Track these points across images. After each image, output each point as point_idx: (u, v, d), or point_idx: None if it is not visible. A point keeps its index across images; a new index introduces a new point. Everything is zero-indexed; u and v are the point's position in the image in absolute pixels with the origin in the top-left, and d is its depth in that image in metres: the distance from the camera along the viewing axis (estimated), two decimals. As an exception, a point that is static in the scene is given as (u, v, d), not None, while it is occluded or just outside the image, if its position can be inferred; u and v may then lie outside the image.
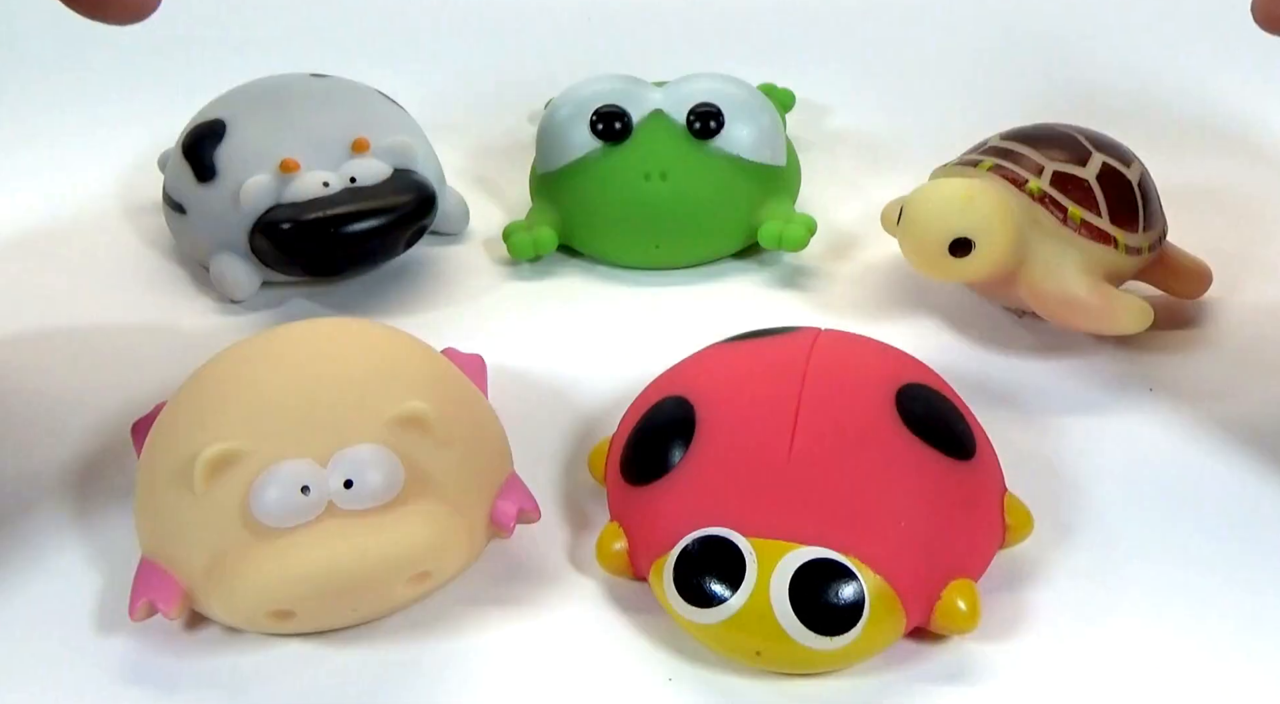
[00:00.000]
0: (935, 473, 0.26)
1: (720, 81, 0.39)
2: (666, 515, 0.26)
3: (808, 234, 0.37)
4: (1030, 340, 0.35)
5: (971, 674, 0.26)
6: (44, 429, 0.32)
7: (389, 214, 0.35)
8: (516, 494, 0.28)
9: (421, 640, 0.27)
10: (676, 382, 0.29)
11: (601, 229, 0.38)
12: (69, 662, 0.26)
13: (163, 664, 0.26)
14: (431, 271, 0.38)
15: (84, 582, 0.28)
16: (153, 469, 0.26)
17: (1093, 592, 0.27)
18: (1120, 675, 0.26)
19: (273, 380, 0.26)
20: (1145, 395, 0.33)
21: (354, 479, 0.25)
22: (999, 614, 0.27)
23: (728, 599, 0.25)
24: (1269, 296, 0.36)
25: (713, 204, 0.37)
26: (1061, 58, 0.49)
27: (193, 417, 0.26)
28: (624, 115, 0.37)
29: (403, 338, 0.29)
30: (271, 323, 0.29)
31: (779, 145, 0.39)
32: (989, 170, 0.33)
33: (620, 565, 0.27)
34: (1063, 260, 0.32)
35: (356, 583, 0.25)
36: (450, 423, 0.27)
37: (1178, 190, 0.37)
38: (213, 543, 0.25)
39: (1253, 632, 0.26)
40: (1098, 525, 0.29)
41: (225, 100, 0.38)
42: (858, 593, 0.24)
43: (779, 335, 0.30)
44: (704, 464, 0.27)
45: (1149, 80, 0.48)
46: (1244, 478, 0.30)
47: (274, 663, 0.26)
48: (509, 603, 0.27)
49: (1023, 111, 0.39)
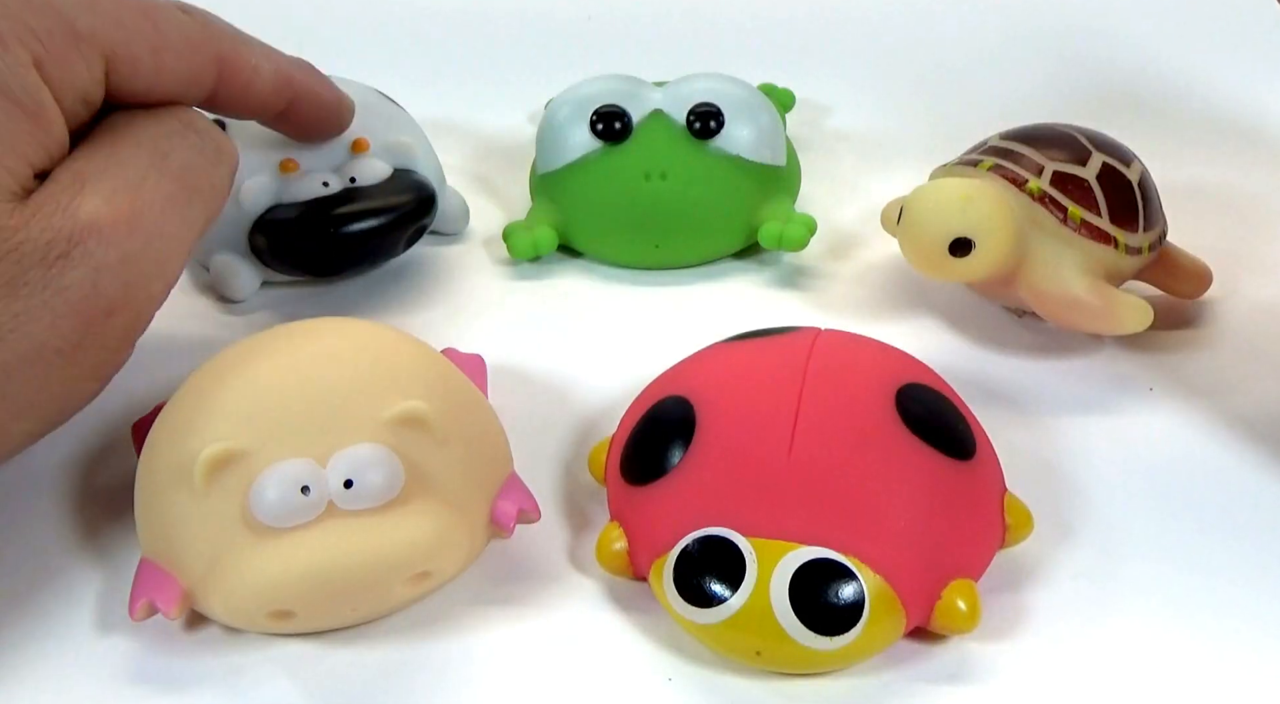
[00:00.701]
0: (935, 473, 0.26)
1: (720, 81, 0.39)
2: (666, 515, 0.26)
3: (808, 234, 0.37)
4: (1030, 340, 0.35)
5: (971, 674, 0.26)
6: (44, 429, 0.32)
7: (389, 214, 0.35)
8: (516, 494, 0.28)
9: (421, 640, 0.27)
10: (676, 381, 0.29)
11: (601, 229, 0.38)
12: (69, 662, 0.26)
13: (163, 664, 0.26)
14: (431, 271, 0.38)
15: (84, 582, 0.28)
16: (153, 469, 0.26)
17: (1093, 592, 0.27)
18: (1120, 675, 0.26)
19: (273, 380, 0.26)
20: (1145, 395, 0.33)
21: (354, 479, 0.25)
22: (999, 614, 0.27)
23: (728, 599, 0.25)
24: (1269, 296, 0.36)
25: (713, 204, 0.37)
26: (1061, 57, 0.49)
27: (193, 417, 0.26)
28: (624, 115, 0.37)
29: (403, 338, 0.29)
30: (271, 323, 0.29)
31: (779, 145, 0.39)
32: (989, 170, 0.33)
33: (620, 565, 0.27)
34: (1063, 260, 0.32)
35: (356, 583, 0.25)
36: (450, 423, 0.27)
37: (1178, 190, 0.37)
38: (213, 543, 0.25)
39: (1253, 631, 0.26)
40: (1098, 525, 0.29)
41: (225, 100, 0.38)
42: (858, 593, 0.24)
43: (779, 335, 0.30)
44: (704, 464, 0.27)
45: (1149, 80, 0.48)
46: (1244, 478, 0.30)
47: (274, 663, 0.26)
48: (509, 603, 0.27)
49: (1023, 111, 0.39)
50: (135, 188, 0.24)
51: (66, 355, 0.24)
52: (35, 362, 0.24)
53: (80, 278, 0.23)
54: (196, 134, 0.27)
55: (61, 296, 0.23)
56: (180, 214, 0.26)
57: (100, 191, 0.24)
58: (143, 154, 0.25)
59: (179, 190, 0.25)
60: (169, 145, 0.26)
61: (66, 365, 0.24)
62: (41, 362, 0.24)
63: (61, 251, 0.23)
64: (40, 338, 0.23)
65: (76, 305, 0.23)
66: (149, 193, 0.25)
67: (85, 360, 0.25)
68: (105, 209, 0.24)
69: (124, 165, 0.25)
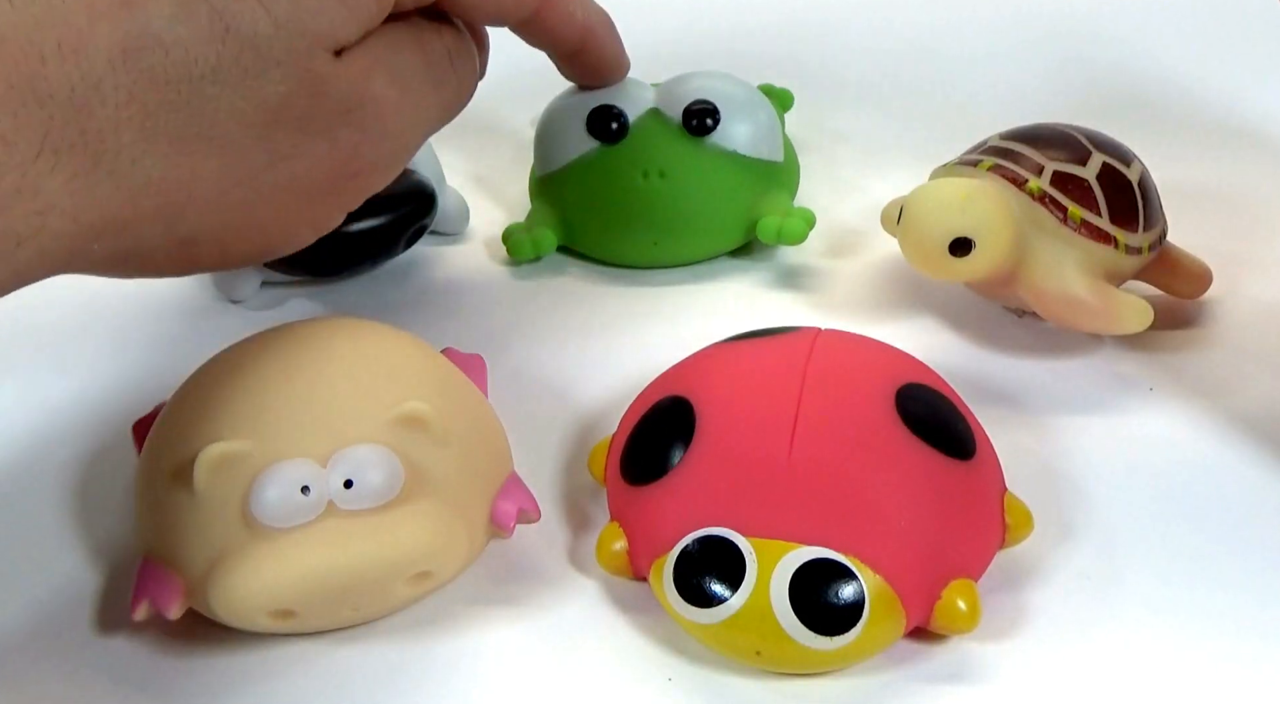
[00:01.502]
0: (935, 473, 0.26)
1: (716, 79, 0.39)
2: (666, 515, 0.26)
3: (807, 227, 0.37)
4: (1030, 340, 0.35)
5: (971, 674, 0.26)
6: (44, 429, 0.32)
7: (389, 214, 0.35)
8: (516, 494, 0.28)
9: (421, 640, 0.27)
10: (676, 381, 0.29)
11: (601, 229, 0.38)
12: (69, 662, 0.26)
13: (163, 664, 0.26)
14: (431, 272, 0.38)
15: (84, 582, 0.28)
16: (153, 469, 0.26)
17: (1093, 592, 0.27)
18: (1120, 675, 0.26)
19: (273, 380, 0.26)
20: (1145, 395, 0.33)
21: (354, 479, 0.25)
22: (999, 614, 0.27)
23: (728, 599, 0.25)
24: (1269, 296, 0.36)
25: (711, 201, 0.37)
26: (1061, 58, 0.49)
27: (193, 417, 0.26)
28: (620, 115, 0.37)
29: (403, 338, 0.29)
30: (271, 323, 0.29)
31: (776, 141, 0.39)
32: (989, 170, 0.33)
33: (620, 565, 0.27)
34: (1063, 260, 0.32)
35: (356, 583, 0.25)
36: (450, 423, 0.26)
37: (1178, 190, 0.37)
38: (213, 543, 0.25)
39: (1253, 631, 0.26)
40: (1098, 525, 0.29)
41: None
42: (858, 593, 0.24)
43: (779, 335, 0.30)
44: (704, 464, 0.27)
45: (1149, 80, 0.48)
46: (1244, 477, 0.30)
47: (274, 663, 0.26)
48: (509, 603, 0.27)
49: (1023, 111, 0.39)
50: (407, 80, 0.28)
51: (308, 196, 0.27)
52: (286, 190, 0.27)
53: (350, 136, 0.27)
54: (456, 40, 0.30)
55: (333, 145, 0.27)
56: (430, 106, 0.30)
57: (385, 74, 0.27)
58: (419, 55, 0.29)
59: (433, 87, 0.29)
60: (435, 48, 0.29)
61: (302, 205, 0.28)
62: (290, 191, 0.27)
63: (348, 108, 0.27)
64: (301, 173, 0.27)
65: (338, 156, 0.27)
66: (416, 87, 0.29)
67: (317, 208, 0.28)
68: (387, 91, 0.27)
69: (404, 60, 0.28)
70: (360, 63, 0.27)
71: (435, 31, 0.30)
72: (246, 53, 0.24)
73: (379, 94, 0.27)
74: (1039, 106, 0.41)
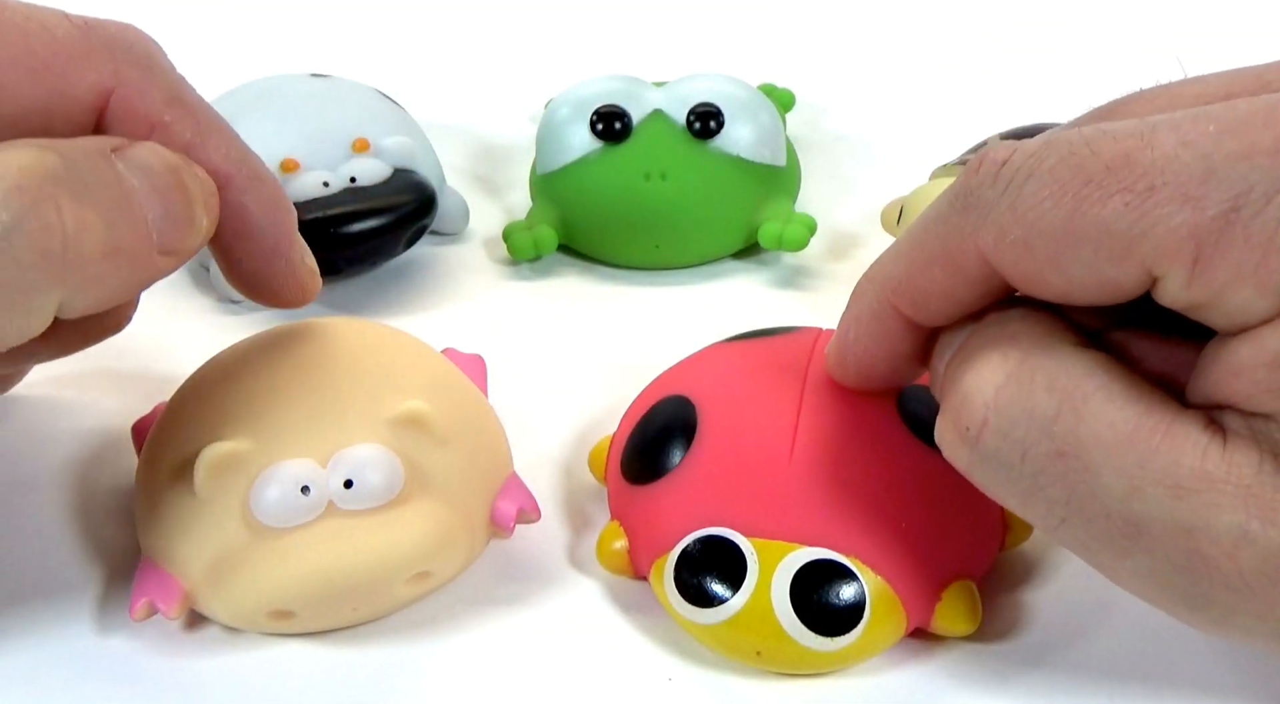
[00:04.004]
0: (936, 474, 0.26)
1: (720, 81, 0.39)
2: (667, 515, 0.26)
3: (808, 234, 0.37)
4: (1030, 340, 0.35)
5: (971, 674, 0.26)
6: (44, 429, 0.32)
7: (389, 214, 0.35)
8: (516, 494, 0.28)
9: (421, 640, 0.27)
10: (677, 381, 0.29)
11: (601, 229, 0.38)
12: (69, 662, 0.26)
13: (163, 664, 0.26)
14: (431, 271, 0.38)
15: (84, 582, 0.28)
16: (153, 469, 0.26)
17: (1093, 592, 0.27)
18: (1120, 676, 0.26)
19: (273, 380, 0.26)
20: (1145, 395, 0.33)
21: (354, 479, 0.25)
22: (999, 614, 0.27)
23: (728, 599, 0.25)
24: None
25: (712, 204, 0.37)
26: (1060, 58, 0.49)
27: (193, 417, 0.26)
28: (624, 115, 0.37)
29: (403, 338, 0.29)
30: (271, 323, 0.29)
31: (779, 145, 0.39)
32: (989, 170, 0.33)
33: (620, 565, 0.27)
34: (1063, 260, 0.32)
35: (356, 583, 0.25)
36: (450, 423, 0.26)
37: (1178, 190, 0.37)
38: (213, 543, 0.25)
39: (1253, 632, 0.26)
40: (1098, 526, 0.29)
41: (225, 100, 0.38)
42: (858, 594, 0.24)
43: (780, 335, 0.30)
44: (705, 464, 0.27)
45: (1149, 80, 0.48)
46: (1244, 478, 0.30)
47: (274, 663, 0.26)
48: (509, 603, 0.27)
49: (1023, 111, 0.39)
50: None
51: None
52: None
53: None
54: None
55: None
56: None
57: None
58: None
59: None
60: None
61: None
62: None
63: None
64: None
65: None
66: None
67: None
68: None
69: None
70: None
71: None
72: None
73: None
74: (1039, 106, 0.41)
